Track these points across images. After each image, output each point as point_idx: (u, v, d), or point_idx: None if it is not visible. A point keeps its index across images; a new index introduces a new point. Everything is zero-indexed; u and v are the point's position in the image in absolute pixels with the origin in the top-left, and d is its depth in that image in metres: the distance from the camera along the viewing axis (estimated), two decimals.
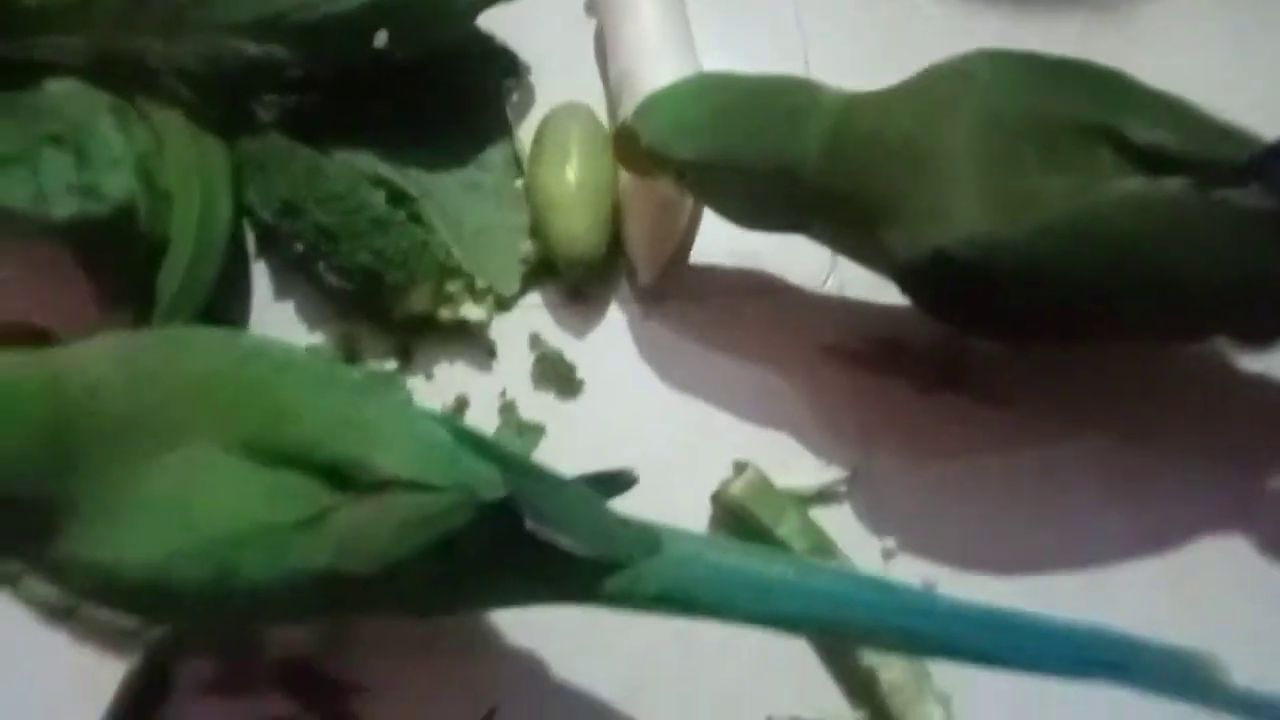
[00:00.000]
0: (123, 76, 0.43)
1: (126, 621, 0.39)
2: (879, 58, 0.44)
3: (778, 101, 0.37)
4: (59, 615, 0.39)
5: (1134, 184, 0.33)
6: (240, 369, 0.30)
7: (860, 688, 0.37)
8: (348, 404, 0.30)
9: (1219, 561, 0.39)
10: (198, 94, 0.43)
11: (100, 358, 0.30)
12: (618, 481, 0.32)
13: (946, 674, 0.36)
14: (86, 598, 0.33)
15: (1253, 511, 0.40)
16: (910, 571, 0.39)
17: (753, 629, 0.31)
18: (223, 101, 0.44)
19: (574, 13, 0.49)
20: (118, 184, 0.37)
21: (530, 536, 0.29)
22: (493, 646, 0.39)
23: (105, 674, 0.38)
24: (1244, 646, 0.29)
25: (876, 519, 0.40)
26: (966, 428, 0.41)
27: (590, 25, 0.49)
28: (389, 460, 0.28)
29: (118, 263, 0.39)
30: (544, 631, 0.38)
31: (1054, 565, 0.39)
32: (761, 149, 0.37)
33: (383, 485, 0.28)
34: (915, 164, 0.34)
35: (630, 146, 0.39)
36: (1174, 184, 0.33)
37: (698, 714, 0.38)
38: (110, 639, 0.39)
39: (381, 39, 0.43)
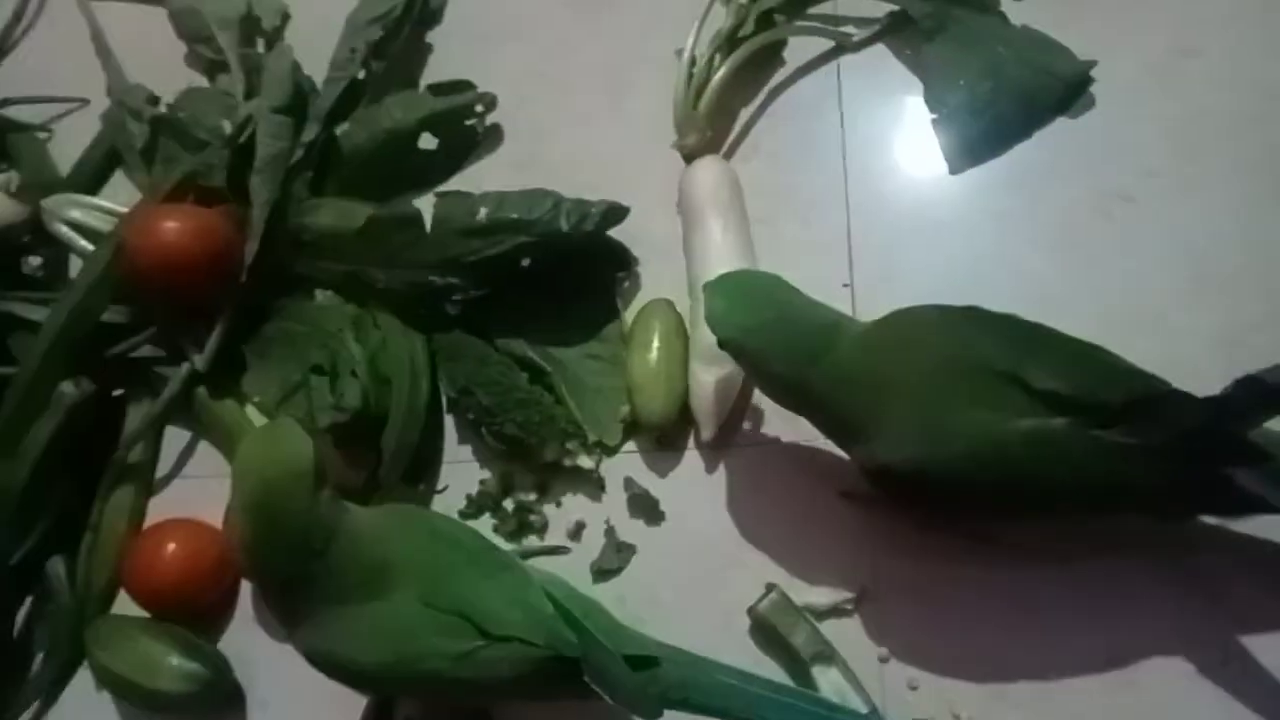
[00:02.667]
0: (360, 289, 0.63)
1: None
2: (913, 279, 0.55)
3: (804, 326, 0.48)
4: None
5: (1030, 423, 0.42)
6: (432, 550, 0.48)
7: None
8: (493, 578, 0.47)
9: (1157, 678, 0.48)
10: (407, 302, 0.63)
11: (364, 519, 0.49)
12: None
13: None
14: (321, 670, 0.50)
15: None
16: (900, 673, 0.51)
17: None
18: (424, 305, 0.63)
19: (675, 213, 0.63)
20: (354, 395, 0.57)
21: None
22: None
23: None
24: None
25: (876, 631, 0.52)
26: (955, 560, 0.51)
27: None
28: (513, 622, 0.45)
29: (355, 437, 0.59)
30: None
31: (1016, 673, 0.50)
32: (783, 357, 0.48)
33: (507, 638, 0.45)
34: (881, 397, 0.45)
35: None
36: (1060, 423, 0.42)
37: None
38: None
39: (525, 262, 0.60)
